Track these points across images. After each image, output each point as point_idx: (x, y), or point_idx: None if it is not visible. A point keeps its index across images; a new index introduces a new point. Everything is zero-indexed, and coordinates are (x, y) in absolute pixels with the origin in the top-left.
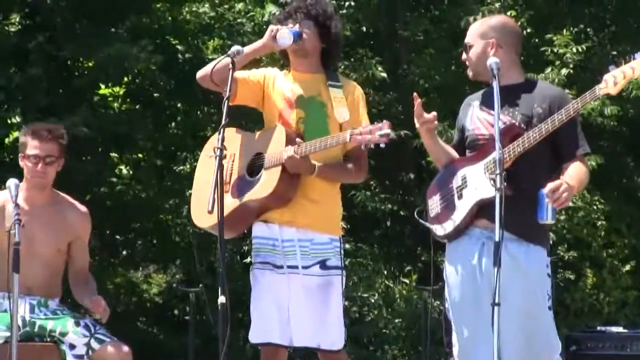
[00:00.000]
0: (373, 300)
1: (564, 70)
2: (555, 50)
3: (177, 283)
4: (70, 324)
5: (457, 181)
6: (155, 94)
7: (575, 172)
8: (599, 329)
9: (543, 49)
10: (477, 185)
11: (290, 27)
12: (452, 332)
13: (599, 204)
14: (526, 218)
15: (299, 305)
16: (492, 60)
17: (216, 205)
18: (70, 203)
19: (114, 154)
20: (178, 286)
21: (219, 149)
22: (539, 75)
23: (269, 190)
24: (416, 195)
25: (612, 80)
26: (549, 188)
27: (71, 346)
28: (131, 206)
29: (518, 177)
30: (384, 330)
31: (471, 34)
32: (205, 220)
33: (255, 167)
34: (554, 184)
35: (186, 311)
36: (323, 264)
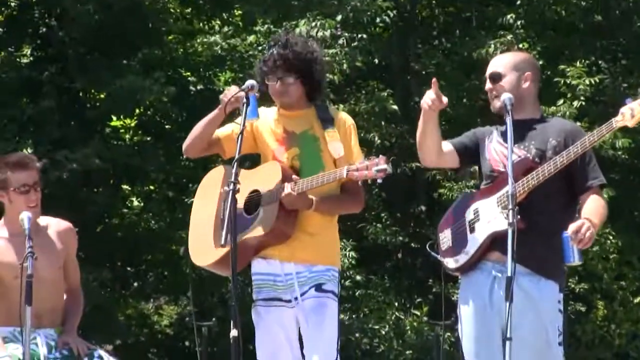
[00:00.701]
0: (384, 332)
1: (576, 103)
2: (568, 81)
3: (189, 316)
4: None
5: (470, 215)
6: (167, 126)
7: (595, 207)
8: None
9: (556, 80)
10: (490, 218)
11: (251, 94)
12: None
13: (611, 237)
14: (539, 252)
15: (303, 331)
16: (506, 96)
17: (230, 238)
18: (56, 220)
19: (125, 185)
20: (190, 320)
21: (232, 183)
22: (551, 108)
23: (268, 228)
24: (427, 227)
25: (630, 113)
26: (571, 230)
27: None
28: (142, 238)
29: (532, 210)
30: None
31: (502, 65)
32: (205, 258)
33: (252, 204)
34: (576, 225)
35: (197, 343)
36: (318, 287)
